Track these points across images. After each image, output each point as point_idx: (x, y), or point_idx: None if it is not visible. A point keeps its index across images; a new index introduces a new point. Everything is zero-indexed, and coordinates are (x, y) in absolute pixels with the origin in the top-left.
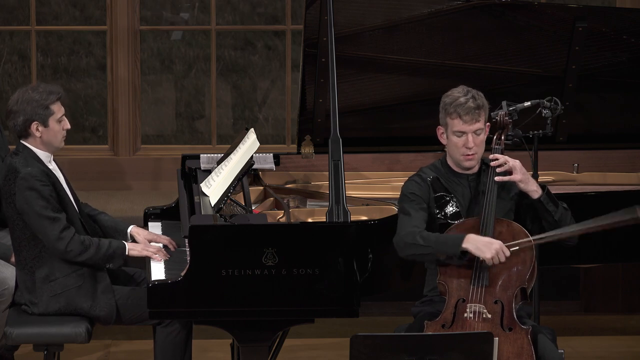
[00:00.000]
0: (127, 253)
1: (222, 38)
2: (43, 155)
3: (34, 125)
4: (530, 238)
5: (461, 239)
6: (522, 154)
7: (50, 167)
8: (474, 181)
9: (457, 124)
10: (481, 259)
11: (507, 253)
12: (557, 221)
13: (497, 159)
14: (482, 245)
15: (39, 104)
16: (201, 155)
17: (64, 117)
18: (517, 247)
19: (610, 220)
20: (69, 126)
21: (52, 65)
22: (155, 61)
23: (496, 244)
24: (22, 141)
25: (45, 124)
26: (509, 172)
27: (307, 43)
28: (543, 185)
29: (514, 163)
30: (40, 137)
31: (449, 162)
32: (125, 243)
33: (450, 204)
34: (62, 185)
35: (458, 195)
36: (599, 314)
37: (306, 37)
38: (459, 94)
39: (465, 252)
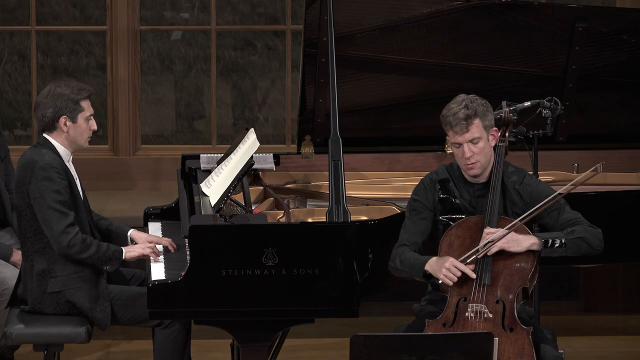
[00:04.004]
0: (123, 257)
1: (222, 38)
2: (63, 152)
3: (62, 119)
4: (482, 244)
5: (424, 262)
6: (522, 154)
7: (68, 166)
8: (480, 190)
9: (451, 136)
10: (446, 283)
11: (461, 266)
12: (572, 255)
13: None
14: (435, 265)
15: (69, 99)
16: (201, 155)
17: (92, 116)
18: (475, 257)
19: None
20: (95, 127)
21: (52, 65)
22: (155, 61)
23: (447, 262)
24: (45, 135)
25: (74, 119)
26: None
27: (307, 43)
28: (540, 237)
29: (498, 239)
30: (67, 132)
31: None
32: (122, 248)
33: (455, 207)
34: (77, 186)
35: (464, 200)
36: (599, 314)
37: (306, 37)
38: (453, 104)
39: (430, 275)
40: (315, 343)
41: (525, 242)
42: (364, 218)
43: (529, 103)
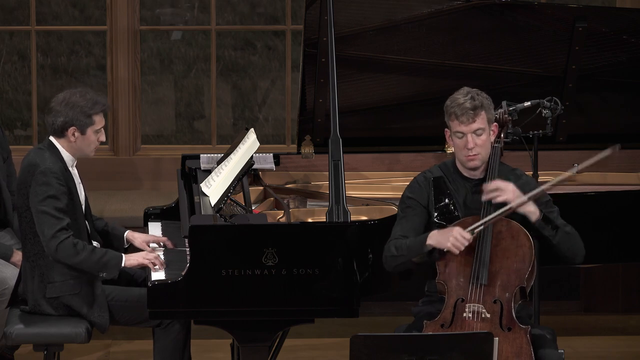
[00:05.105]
0: (123, 264)
1: (222, 38)
2: (67, 157)
3: (71, 130)
4: (492, 215)
5: (425, 237)
6: (522, 154)
7: (72, 171)
8: (477, 186)
9: (455, 125)
10: (453, 252)
11: (467, 236)
12: (555, 245)
13: (489, 188)
14: (440, 236)
15: (82, 111)
16: (201, 155)
17: (102, 129)
18: (482, 227)
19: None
20: (104, 138)
21: (52, 65)
22: (155, 61)
23: (453, 230)
24: (52, 138)
25: (82, 131)
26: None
27: (307, 43)
28: (541, 209)
29: (505, 187)
30: (74, 142)
31: (457, 163)
32: (123, 255)
33: (450, 207)
34: (77, 192)
35: (459, 198)
36: (599, 314)
37: (306, 37)
38: (458, 95)
39: (433, 250)
40: (315, 343)
41: (529, 205)
42: (364, 218)
43: (529, 103)
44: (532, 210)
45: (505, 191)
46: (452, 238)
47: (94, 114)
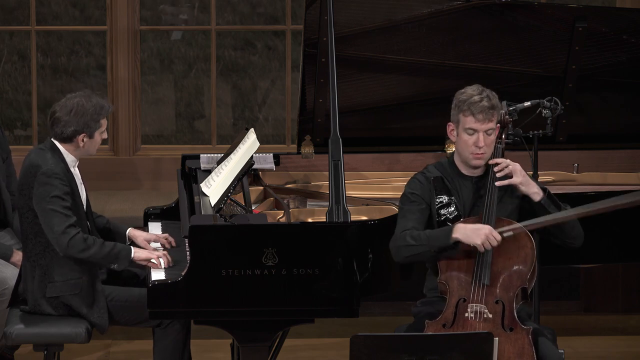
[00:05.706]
0: (132, 256)
1: (222, 38)
2: (70, 159)
3: (80, 137)
4: (521, 224)
5: (450, 230)
6: (522, 154)
7: (73, 172)
8: (478, 184)
9: (469, 122)
10: (479, 250)
11: (498, 237)
12: (561, 223)
13: (497, 163)
14: (471, 232)
15: (92, 118)
16: (201, 155)
17: (105, 128)
18: (511, 233)
19: (606, 204)
20: (106, 136)
21: (52, 65)
22: (155, 61)
23: (485, 228)
24: (55, 141)
25: (91, 136)
26: (509, 176)
27: (307, 43)
28: (544, 188)
29: (514, 166)
30: (83, 147)
31: (456, 161)
32: (131, 247)
33: (451, 206)
34: (79, 193)
35: (460, 197)
36: (599, 314)
37: (306, 37)
38: (473, 92)
39: (458, 243)
40: (315, 343)
41: (533, 186)
42: (364, 218)
43: (529, 103)
44: (536, 191)
45: (515, 172)
46: (483, 236)
47: (101, 119)
